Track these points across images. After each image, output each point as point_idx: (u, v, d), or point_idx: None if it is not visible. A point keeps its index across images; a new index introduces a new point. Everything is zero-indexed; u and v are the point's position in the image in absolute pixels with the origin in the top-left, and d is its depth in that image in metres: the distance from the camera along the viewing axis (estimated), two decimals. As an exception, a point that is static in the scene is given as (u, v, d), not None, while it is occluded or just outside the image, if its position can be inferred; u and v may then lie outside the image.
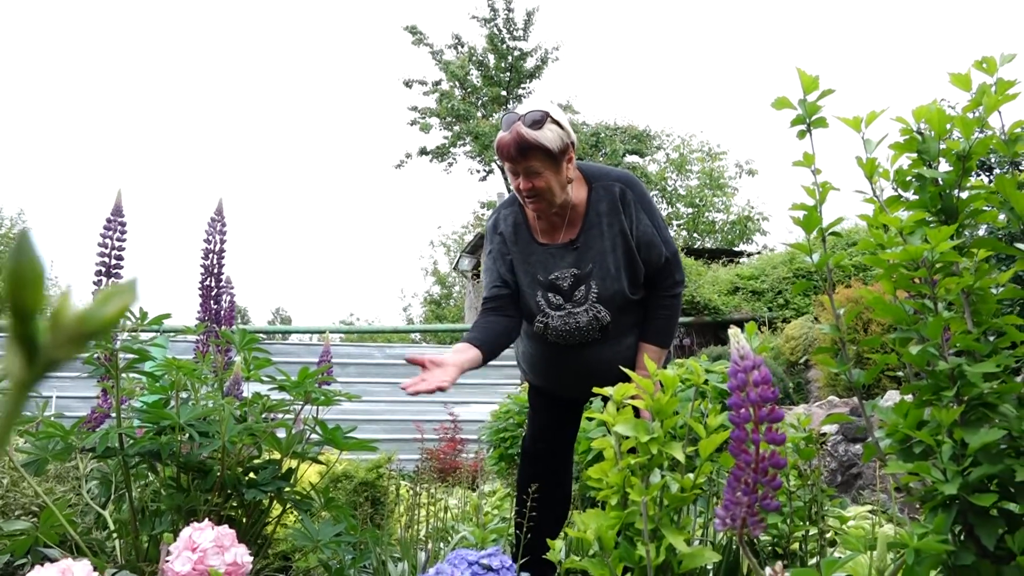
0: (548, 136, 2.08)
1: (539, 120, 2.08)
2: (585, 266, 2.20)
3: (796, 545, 2.04)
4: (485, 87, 18.48)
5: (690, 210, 22.49)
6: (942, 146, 1.35)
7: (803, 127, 1.40)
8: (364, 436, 2.41)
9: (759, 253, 15.16)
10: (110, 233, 2.22)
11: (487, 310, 2.28)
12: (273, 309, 35.09)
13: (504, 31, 18.32)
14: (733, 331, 0.98)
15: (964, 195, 1.36)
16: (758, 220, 22.34)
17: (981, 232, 1.71)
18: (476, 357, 2.08)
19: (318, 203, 57.98)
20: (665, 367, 2.31)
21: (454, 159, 18.86)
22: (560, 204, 2.18)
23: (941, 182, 1.35)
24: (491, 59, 18.50)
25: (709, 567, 2.00)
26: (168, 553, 1.69)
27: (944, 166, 1.37)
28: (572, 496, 2.58)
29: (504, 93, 18.35)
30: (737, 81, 47.35)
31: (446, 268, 28.60)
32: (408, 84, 18.43)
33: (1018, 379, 1.31)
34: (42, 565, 1.55)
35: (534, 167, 2.08)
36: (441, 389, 1.88)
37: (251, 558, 1.74)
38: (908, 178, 1.39)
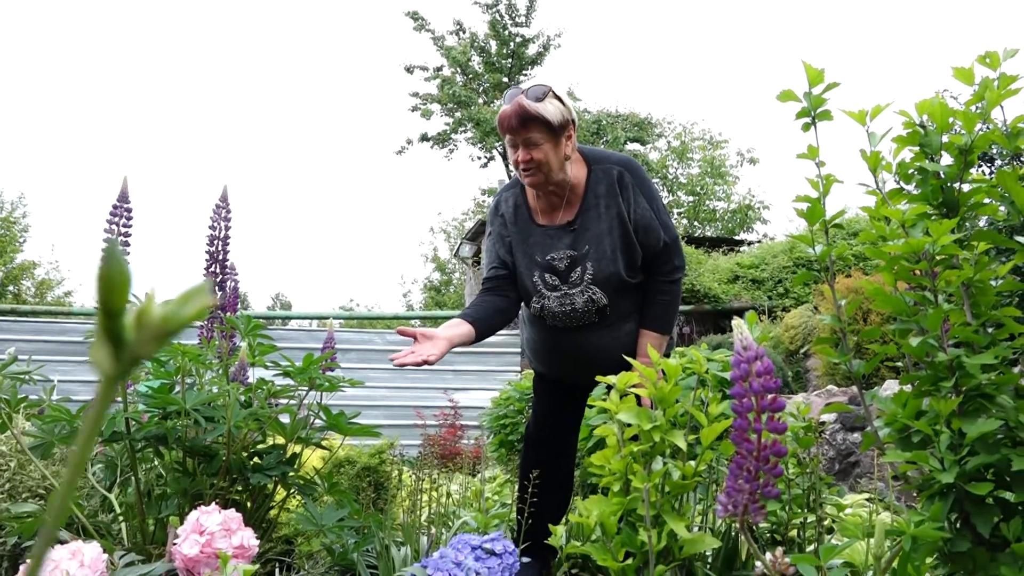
0: (549, 109, 2.12)
1: (541, 94, 2.12)
2: (581, 248, 2.22)
3: (794, 532, 2.07)
4: (487, 73, 18.42)
5: (691, 198, 22.47)
6: (944, 140, 1.37)
7: (808, 120, 1.41)
8: (365, 422, 2.43)
9: (759, 242, 15.17)
10: (116, 219, 2.24)
11: (485, 290, 2.32)
12: (273, 294, 35.07)
13: (506, 17, 18.23)
14: (737, 322, 1.00)
15: (966, 188, 1.38)
16: (759, 209, 22.33)
17: (982, 223, 1.72)
18: (468, 332, 2.11)
19: (318, 188, 57.86)
20: (667, 355, 2.32)
21: (455, 145, 18.83)
22: (557, 182, 2.20)
23: (943, 175, 1.36)
24: (493, 45, 18.43)
25: (708, 553, 2.03)
26: (176, 536, 1.71)
27: (946, 159, 1.39)
28: (574, 482, 2.61)
29: (506, 79, 18.28)
30: (739, 69, 47.18)
31: (446, 254, 28.60)
32: (409, 70, 18.36)
33: (1015, 370, 1.33)
34: (52, 547, 1.58)
35: (533, 139, 2.12)
36: (427, 362, 1.91)
37: (257, 541, 1.76)
38: (910, 171, 1.40)
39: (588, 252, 2.21)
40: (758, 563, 1.02)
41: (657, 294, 2.27)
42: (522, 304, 2.39)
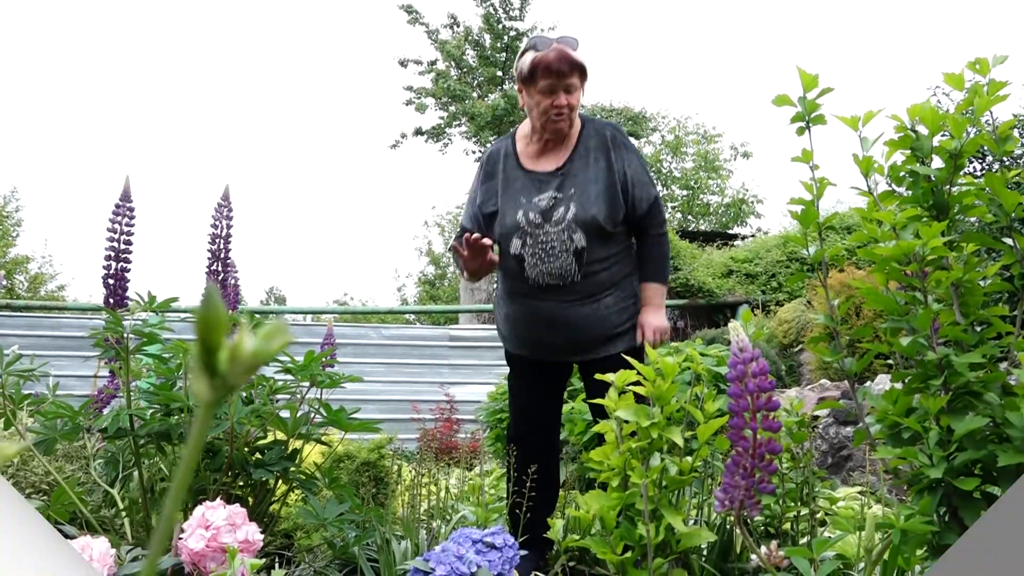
0: (585, 58, 2.31)
1: (576, 44, 2.30)
2: (568, 191, 2.35)
3: (788, 525, 2.11)
4: (481, 67, 18.39)
5: (685, 192, 22.52)
6: (935, 143, 1.40)
7: (802, 124, 1.44)
8: (362, 416, 2.45)
9: (753, 236, 15.22)
10: (119, 218, 2.26)
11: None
12: (267, 288, 34.98)
13: (500, 11, 18.21)
14: (732, 325, 1.04)
15: (956, 190, 1.41)
16: (752, 203, 22.41)
17: (972, 220, 1.76)
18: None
19: (312, 182, 57.68)
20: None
21: (449, 139, 18.81)
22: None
23: (933, 178, 1.40)
24: (487, 39, 18.40)
25: (705, 546, 2.07)
26: (182, 531, 1.74)
27: (937, 163, 1.42)
28: (566, 476, 2.64)
29: (500, 73, 18.27)
30: (733, 63, 47.20)
31: (440, 248, 28.59)
32: (403, 64, 18.33)
33: (1002, 367, 1.37)
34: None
35: (574, 84, 2.30)
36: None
37: (261, 536, 1.79)
38: (902, 174, 1.44)
39: (573, 194, 2.34)
40: (753, 556, 1.06)
41: (652, 248, 2.44)
42: (497, 284, 2.48)
